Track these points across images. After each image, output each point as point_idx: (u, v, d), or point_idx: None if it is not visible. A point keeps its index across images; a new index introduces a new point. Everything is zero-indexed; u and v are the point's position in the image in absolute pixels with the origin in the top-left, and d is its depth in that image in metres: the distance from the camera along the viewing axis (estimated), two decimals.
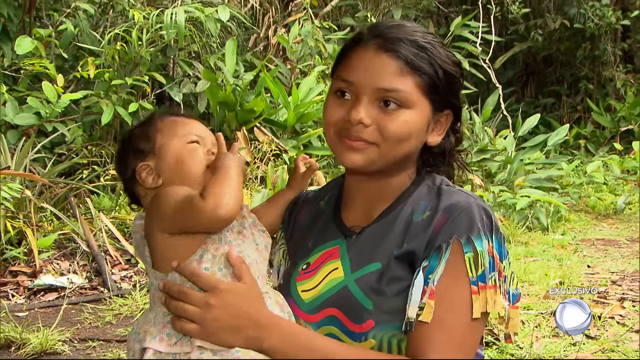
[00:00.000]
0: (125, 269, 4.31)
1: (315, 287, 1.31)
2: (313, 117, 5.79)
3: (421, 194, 1.33)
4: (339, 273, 1.30)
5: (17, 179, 4.42)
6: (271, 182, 4.63)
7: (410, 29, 1.30)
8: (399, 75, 1.26)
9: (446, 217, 1.25)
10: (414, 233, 1.27)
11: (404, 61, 1.26)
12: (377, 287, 1.25)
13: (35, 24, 5.78)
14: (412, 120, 1.27)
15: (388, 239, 1.29)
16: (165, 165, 1.32)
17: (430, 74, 1.27)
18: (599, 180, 6.80)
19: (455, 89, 1.32)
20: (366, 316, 1.23)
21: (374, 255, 1.28)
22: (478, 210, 1.25)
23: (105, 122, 5.09)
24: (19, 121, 4.94)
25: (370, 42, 1.28)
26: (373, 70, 1.27)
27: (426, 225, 1.26)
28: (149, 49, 5.46)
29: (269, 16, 7.15)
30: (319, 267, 1.34)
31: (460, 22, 7.45)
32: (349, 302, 1.24)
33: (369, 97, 1.26)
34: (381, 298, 1.24)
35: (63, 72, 5.34)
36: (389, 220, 1.32)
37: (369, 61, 1.27)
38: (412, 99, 1.26)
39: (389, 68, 1.26)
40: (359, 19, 7.78)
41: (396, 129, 1.26)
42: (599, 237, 5.42)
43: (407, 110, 1.26)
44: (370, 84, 1.26)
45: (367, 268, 1.27)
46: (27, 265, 4.15)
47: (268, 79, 5.65)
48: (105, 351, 3.24)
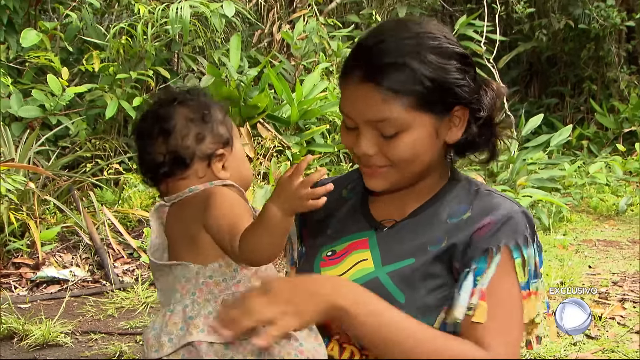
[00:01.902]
0: (127, 262, 4.32)
1: (342, 274, 1.30)
2: (316, 113, 5.79)
3: (458, 195, 1.32)
4: (369, 264, 1.29)
5: (21, 171, 4.43)
6: (274, 178, 4.64)
7: (393, 42, 1.23)
8: (385, 104, 1.21)
9: (493, 221, 1.25)
10: (454, 233, 1.27)
11: (385, 88, 1.20)
12: (411, 282, 1.25)
13: (40, 17, 5.79)
14: (413, 139, 1.23)
15: (423, 236, 1.29)
16: (233, 161, 1.33)
17: (417, 91, 1.21)
18: (601, 181, 6.79)
19: (455, 87, 1.24)
20: (397, 308, 1.22)
21: (408, 250, 1.28)
22: (524, 217, 1.26)
23: (109, 116, 5.10)
24: (24, 113, 4.96)
25: (354, 72, 1.24)
26: (358, 103, 1.23)
27: (468, 226, 1.26)
28: (154, 44, 5.47)
29: (273, 12, 7.14)
30: (345, 255, 1.33)
31: (464, 21, 7.44)
32: (380, 293, 1.22)
33: (366, 127, 1.24)
34: (415, 293, 1.24)
35: (68, 66, 5.35)
36: (424, 217, 1.31)
37: (353, 94, 1.24)
38: (405, 121, 1.22)
39: (372, 99, 1.21)
40: (363, 16, 7.78)
41: (400, 154, 1.24)
42: (600, 237, 5.42)
43: (405, 132, 1.23)
44: (360, 116, 1.24)
45: (400, 262, 1.27)
46: (30, 257, 4.16)
47: (272, 75, 5.66)
48: (107, 344, 3.26)
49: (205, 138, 1.30)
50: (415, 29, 1.25)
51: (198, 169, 1.30)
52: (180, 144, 1.29)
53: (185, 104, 1.32)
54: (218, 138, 1.31)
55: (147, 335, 1.25)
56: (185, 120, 1.30)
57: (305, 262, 1.39)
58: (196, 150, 1.29)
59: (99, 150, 5.31)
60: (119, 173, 5.12)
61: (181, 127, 1.29)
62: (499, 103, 1.33)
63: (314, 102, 5.77)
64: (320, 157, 5.71)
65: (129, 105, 5.16)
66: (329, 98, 5.89)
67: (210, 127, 1.31)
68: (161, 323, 1.24)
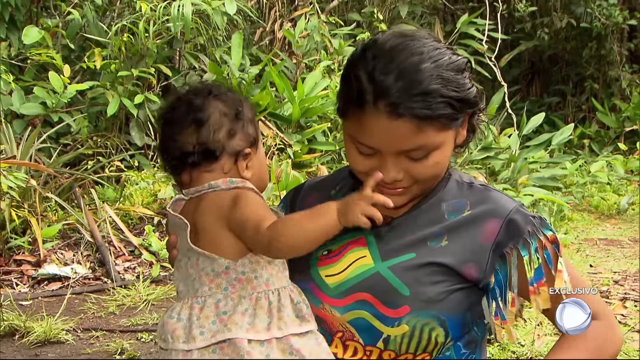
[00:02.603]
0: (128, 260, 4.32)
1: (341, 272, 1.32)
2: (318, 111, 5.79)
3: (451, 190, 1.35)
4: (368, 260, 1.31)
5: (23, 168, 4.43)
6: (275, 176, 4.64)
7: (412, 72, 1.20)
8: (419, 133, 1.21)
9: (499, 223, 1.30)
10: (455, 231, 1.30)
11: (419, 119, 1.20)
12: (414, 276, 1.27)
13: (42, 14, 5.80)
14: (442, 156, 1.26)
15: (421, 230, 1.31)
16: (257, 161, 1.34)
17: (447, 112, 1.22)
18: (602, 180, 6.79)
19: (472, 98, 1.27)
20: (402, 302, 1.25)
21: (408, 245, 1.30)
22: (526, 212, 1.32)
23: (110, 114, 5.11)
24: (25, 111, 4.96)
25: (379, 106, 1.20)
26: (391, 137, 1.22)
27: (470, 227, 1.30)
28: (156, 41, 5.46)
29: (275, 10, 7.14)
30: (342, 253, 1.34)
31: (466, 20, 7.43)
32: (383, 287, 1.25)
33: (395, 155, 1.24)
34: (419, 286, 1.26)
35: (69, 63, 5.35)
36: (420, 212, 1.34)
37: (384, 129, 1.21)
38: (438, 142, 1.24)
39: (406, 132, 1.20)
40: (365, 15, 7.77)
41: (431, 172, 1.27)
42: (601, 236, 5.42)
43: (435, 152, 1.25)
44: (392, 149, 1.23)
45: (401, 257, 1.29)
46: (31, 254, 4.17)
47: (274, 73, 5.66)
48: (109, 341, 3.26)
49: (236, 134, 1.30)
50: (422, 48, 1.24)
51: (225, 164, 1.30)
52: (212, 136, 1.29)
53: (220, 98, 1.32)
54: (247, 137, 1.32)
55: (171, 326, 1.23)
56: (219, 114, 1.30)
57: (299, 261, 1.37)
58: (226, 145, 1.30)
59: (101, 147, 5.31)
60: (120, 170, 5.12)
61: (215, 120, 1.30)
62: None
63: (316, 100, 5.76)
64: (322, 156, 5.71)
65: (131, 103, 5.17)
66: (330, 96, 5.89)
67: (241, 125, 1.31)
68: (188, 314, 1.23)
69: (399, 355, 1.27)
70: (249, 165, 1.32)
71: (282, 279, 1.28)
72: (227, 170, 1.30)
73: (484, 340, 1.40)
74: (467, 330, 1.32)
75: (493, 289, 1.31)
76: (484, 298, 1.34)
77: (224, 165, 1.30)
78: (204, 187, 1.29)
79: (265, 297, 1.23)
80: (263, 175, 1.36)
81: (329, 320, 1.29)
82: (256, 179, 1.33)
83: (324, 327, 1.30)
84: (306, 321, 1.24)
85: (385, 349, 1.26)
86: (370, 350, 1.27)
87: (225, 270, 1.24)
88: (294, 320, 1.23)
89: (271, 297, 1.24)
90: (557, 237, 1.33)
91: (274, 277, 1.26)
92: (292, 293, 1.27)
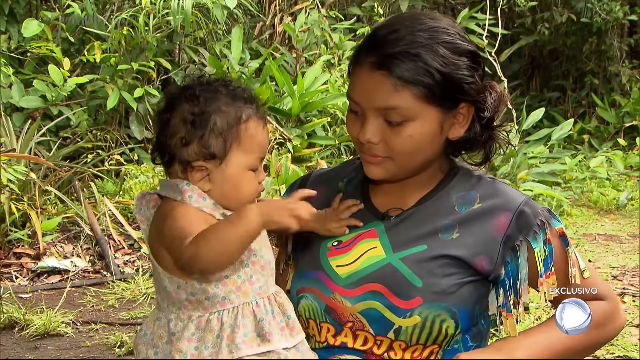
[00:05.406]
0: (128, 253, 4.33)
1: (352, 262, 1.32)
2: (318, 106, 5.78)
3: (460, 183, 1.36)
4: (379, 252, 1.31)
5: (22, 161, 4.43)
6: (275, 171, 4.64)
7: (407, 33, 1.25)
8: (394, 92, 1.24)
9: (509, 216, 1.31)
10: (466, 223, 1.31)
11: (397, 77, 1.23)
12: (427, 267, 1.28)
13: (42, 7, 5.79)
14: (418, 132, 1.26)
15: (432, 222, 1.32)
16: (221, 179, 1.21)
17: (427, 82, 1.23)
18: (602, 176, 6.79)
19: (464, 83, 1.27)
20: (414, 293, 1.26)
21: (419, 237, 1.31)
22: (534, 204, 1.34)
23: (110, 107, 5.11)
24: (25, 104, 4.96)
25: (365, 60, 1.26)
26: (368, 89, 1.26)
27: (482, 220, 1.31)
28: (155, 35, 5.46)
29: (275, 4, 7.12)
30: (353, 244, 1.35)
31: (467, 14, 7.42)
32: (395, 278, 1.26)
33: (373, 114, 1.26)
34: (431, 278, 1.27)
35: (69, 56, 5.34)
36: (430, 205, 1.35)
37: (364, 81, 1.27)
38: (413, 111, 1.25)
39: (382, 86, 1.24)
40: (365, 9, 7.76)
41: (402, 144, 1.27)
42: (600, 232, 5.42)
43: (411, 122, 1.25)
44: (369, 103, 1.26)
45: (412, 249, 1.30)
46: (31, 247, 4.17)
47: (273, 67, 5.65)
48: (108, 334, 3.27)
49: (190, 144, 1.20)
50: (430, 23, 1.28)
51: (178, 170, 1.22)
52: (166, 140, 1.22)
53: (191, 100, 1.22)
54: (205, 149, 1.19)
55: (137, 340, 1.23)
56: (179, 119, 1.21)
57: (309, 251, 1.39)
58: (177, 152, 1.21)
59: (100, 141, 5.31)
60: (120, 164, 5.13)
61: (173, 124, 1.22)
62: (502, 107, 1.36)
63: (316, 94, 5.76)
64: (322, 150, 5.71)
65: (130, 97, 5.16)
66: (330, 90, 5.89)
67: (199, 135, 1.19)
68: (151, 330, 1.22)
69: (410, 346, 1.28)
70: (211, 178, 1.21)
71: (248, 292, 1.19)
72: (182, 177, 1.22)
73: (488, 333, 1.42)
74: (474, 323, 1.34)
75: (503, 280, 1.32)
76: (492, 290, 1.35)
77: (177, 171, 1.22)
78: (157, 189, 1.25)
79: (217, 319, 1.17)
80: (230, 193, 1.22)
81: (339, 310, 1.30)
82: (218, 194, 1.21)
83: (334, 317, 1.31)
84: (267, 341, 1.17)
85: (395, 339, 1.27)
86: (381, 340, 1.28)
87: (177, 290, 1.19)
88: (252, 340, 1.16)
89: (225, 318, 1.17)
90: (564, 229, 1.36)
91: (236, 292, 1.19)
92: (257, 308, 1.19)
